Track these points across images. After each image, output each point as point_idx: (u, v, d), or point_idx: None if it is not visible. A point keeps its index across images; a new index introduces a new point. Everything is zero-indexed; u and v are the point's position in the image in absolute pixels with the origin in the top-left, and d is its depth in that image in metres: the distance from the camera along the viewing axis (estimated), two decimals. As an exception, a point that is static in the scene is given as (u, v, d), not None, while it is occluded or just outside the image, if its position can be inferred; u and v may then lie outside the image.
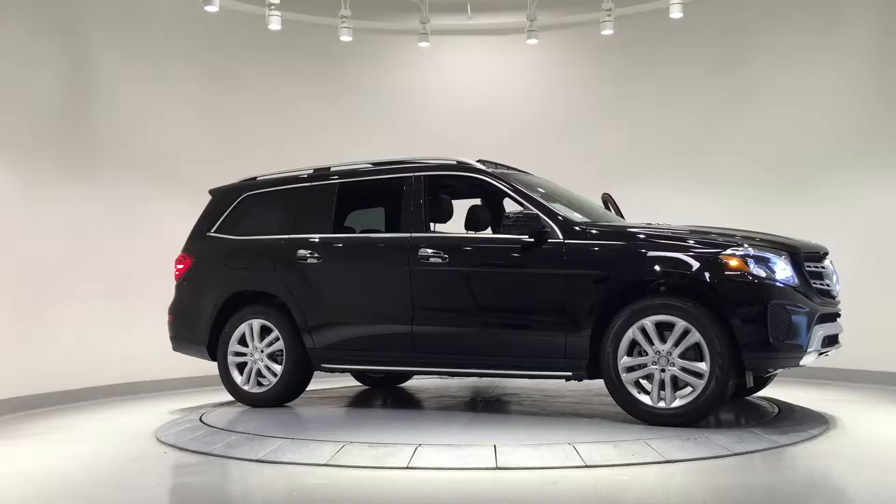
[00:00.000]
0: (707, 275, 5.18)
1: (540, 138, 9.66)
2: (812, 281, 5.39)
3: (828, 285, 5.56)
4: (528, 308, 5.69)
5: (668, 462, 4.53)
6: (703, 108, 9.16)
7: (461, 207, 6.39)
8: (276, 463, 4.83)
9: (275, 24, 8.89)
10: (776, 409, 5.98)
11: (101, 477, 4.79)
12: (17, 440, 6.08)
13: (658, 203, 8.67)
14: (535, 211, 5.70)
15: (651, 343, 5.25)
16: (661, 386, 5.23)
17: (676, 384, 5.23)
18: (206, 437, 5.51)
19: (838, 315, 5.70)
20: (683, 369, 5.18)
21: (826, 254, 5.76)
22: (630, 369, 5.33)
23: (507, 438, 4.97)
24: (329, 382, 8.17)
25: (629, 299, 5.36)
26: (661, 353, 5.22)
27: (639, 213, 6.98)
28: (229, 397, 7.36)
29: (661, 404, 5.23)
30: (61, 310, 7.84)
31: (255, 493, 4.45)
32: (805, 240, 5.80)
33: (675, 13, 8.64)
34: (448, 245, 6.00)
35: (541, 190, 6.43)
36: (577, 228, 5.61)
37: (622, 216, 6.75)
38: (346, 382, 8.35)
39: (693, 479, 4.27)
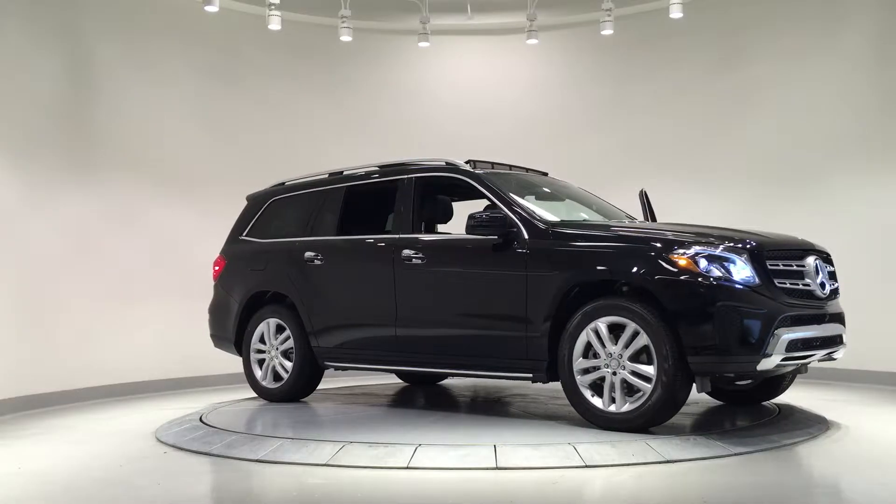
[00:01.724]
0: (654, 275, 4.99)
1: (540, 138, 9.66)
2: (780, 280, 5.05)
3: (807, 285, 5.21)
4: (493, 308, 5.67)
5: (668, 462, 4.53)
6: (703, 108, 9.17)
7: (469, 209, 6.36)
8: (276, 463, 4.83)
9: (275, 24, 8.89)
10: (776, 409, 5.97)
11: (101, 477, 4.79)
12: (17, 440, 6.08)
13: (657, 202, 8.65)
14: (506, 211, 5.67)
15: (604, 345, 5.14)
16: (622, 389, 5.10)
17: (632, 388, 5.08)
18: (206, 437, 5.51)
19: (826, 316, 5.31)
20: (634, 373, 5.03)
21: (810, 251, 5.40)
22: (585, 371, 5.22)
23: (507, 438, 4.97)
24: (335, 382, 8.20)
25: (588, 300, 5.25)
26: (612, 356, 5.10)
27: (639, 212, 6.97)
28: (228, 397, 7.44)
29: (612, 408, 5.10)
30: (61, 310, 7.84)
31: (255, 493, 4.45)
32: (785, 236, 5.57)
33: (675, 13, 8.65)
34: (426, 246, 6.08)
35: (546, 190, 6.45)
36: (541, 229, 5.54)
37: (653, 215, 6.61)
38: (351, 382, 8.38)
39: (693, 479, 4.27)
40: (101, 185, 8.29)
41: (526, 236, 5.53)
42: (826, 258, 5.57)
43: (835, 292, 5.51)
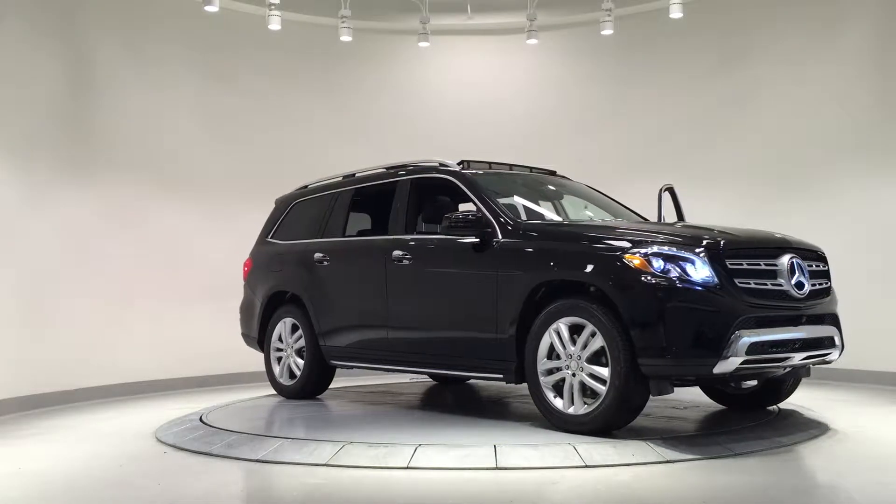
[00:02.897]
0: (608, 275, 4.90)
1: (540, 137, 9.66)
2: (743, 280, 4.83)
3: (779, 284, 4.97)
4: (469, 308, 5.67)
5: (668, 462, 4.53)
6: (703, 107, 9.16)
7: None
8: (276, 463, 4.83)
9: (275, 24, 8.89)
10: (776, 410, 5.97)
11: (101, 477, 4.79)
12: (17, 440, 6.08)
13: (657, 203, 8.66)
14: (484, 211, 5.68)
15: (564, 347, 5.08)
16: (581, 391, 5.05)
17: (593, 390, 5.00)
18: (206, 437, 5.51)
19: (803, 318, 5.06)
20: (591, 375, 4.95)
21: (785, 249, 5.14)
22: (549, 372, 5.17)
23: (507, 438, 4.97)
24: (352, 380, 8.28)
25: (553, 300, 5.19)
26: (572, 357, 5.05)
27: (641, 212, 6.97)
28: (228, 398, 7.44)
29: (571, 410, 5.05)
30: (61, 310, 7.84)
31: (255, 493, 4.45)
32: (761, 234, 5.37)
33: (675, 13, 8.65)
34: (414, 247, 6.13)
35: (546, 189, 6.45)
36: (511, 228, 5.52)
37: (680, 213, 6.42)
38: (367, 380, 8.45)
39: (693, 479, 4.27)
40: (101, 185, 8.29)
41: (499, 236, 5.53)
42: (809, 256, 5.32)
43: (822, 292, 5.26)
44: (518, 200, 6.21)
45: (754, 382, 5.83)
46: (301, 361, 7.10)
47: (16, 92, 7.53)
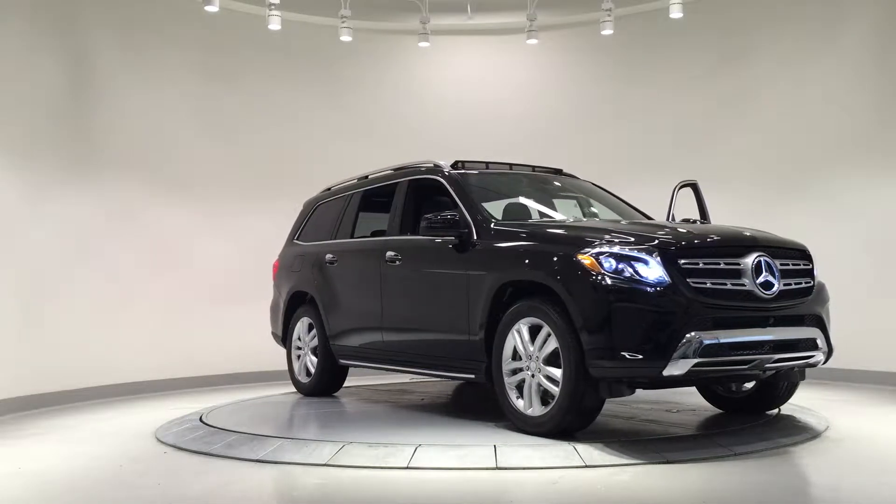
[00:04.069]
0: (557, 275, 4.85)
1: (540, 138, 9.66)
2: (698, 280, 4.67)
3: (742, 284, 4.78)
4: (448, 308, 5.68)
5: (668, 462, 4.53)
6: (703, 107, 9.17)
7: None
8: (276, 463, 4.83)
9: (275, 24, 8.89)
10: (776, 410, 5.96)
11: (101, 477, 4.79)
12: (17, 440, 6.08)
13: (658, 202, 8.65)
14: (464, 212, 5.69)
15: (525, 348, 5.07)
16: (541, 392, 5.02)
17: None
18: (206, 437, 5.51)
19: (770, 319, 4.84)
20: (547, 376, 4.92)
21: (752, 248, 4.92)
22: (513, 373, 5.17)
23: (507, 438, 4.98)
24: (369, 379, 8.32)
25: (519, 301, 5.14)
26: (531, 358, 5.02)
27: (649, 211, 6.97)
28: (228, 398, 7.46)
29: (530, 411, 5.03)
30: (61, 310, 7.84)
31: (255, 493, 4.45)
32: (730, 232, 5.19)
33: (675, 13, 8.65)
34: (403, 248, 6.18)
35: (545, 188, 6.48)
36: (487, 230, 5.52)
37: (703, 212, 6.25)
38: (383, 379, 8.48)
39: (693, 479, 4.27)
40: (101, 185, 8.29)
41: (475, 237, 5.54)
42: (787, 255, 5.11)
43: (800, 292, 5.04)
44: (520, 200, 6.21)
45: (751, 385, 5.79)
46: (316, 360, 7.25)
47: (16, 92, 7.53)
